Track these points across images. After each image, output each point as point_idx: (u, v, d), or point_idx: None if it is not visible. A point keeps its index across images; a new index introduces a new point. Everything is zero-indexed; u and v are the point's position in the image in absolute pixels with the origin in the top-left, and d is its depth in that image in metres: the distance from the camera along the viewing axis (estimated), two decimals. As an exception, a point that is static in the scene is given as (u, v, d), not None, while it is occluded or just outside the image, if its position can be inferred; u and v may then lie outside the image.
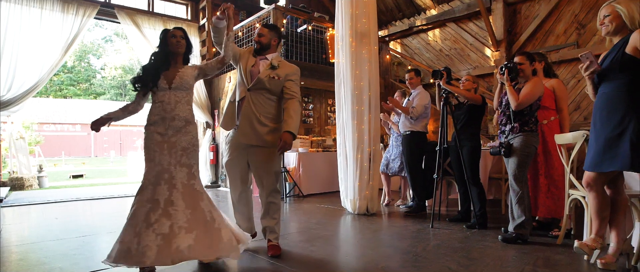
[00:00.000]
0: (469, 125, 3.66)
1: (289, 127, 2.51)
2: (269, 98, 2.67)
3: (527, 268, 2.37)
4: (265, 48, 2.75)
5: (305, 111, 7.62)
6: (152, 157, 2.28)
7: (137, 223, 2.11)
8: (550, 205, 3.27)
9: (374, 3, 4.40)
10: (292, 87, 2.68)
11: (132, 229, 2.10)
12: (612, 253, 2.31)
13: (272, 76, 2.64)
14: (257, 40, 2.77)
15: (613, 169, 2.21)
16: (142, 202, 2.18)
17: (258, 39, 2.77)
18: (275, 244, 2.75)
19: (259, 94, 2.65)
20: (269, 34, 2.77)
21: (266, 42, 2.75)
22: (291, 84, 2.68)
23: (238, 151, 2.71)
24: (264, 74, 2.64)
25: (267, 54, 2.75)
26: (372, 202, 4.31)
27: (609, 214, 2.35)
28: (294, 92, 2.67)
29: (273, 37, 2.78)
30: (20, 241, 3.19)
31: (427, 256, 2.65)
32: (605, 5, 2.33)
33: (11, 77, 5.50)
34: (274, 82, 2.64)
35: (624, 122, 2.17)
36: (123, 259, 2.03)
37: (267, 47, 2.76)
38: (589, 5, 6.71)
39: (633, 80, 2.20)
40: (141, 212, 2.15)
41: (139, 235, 2.07)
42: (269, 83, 2.64)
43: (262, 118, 2.63)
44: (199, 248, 2.15)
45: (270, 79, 2.63)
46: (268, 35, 2.76)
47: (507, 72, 3.05)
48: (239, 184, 2.79)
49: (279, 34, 2.86)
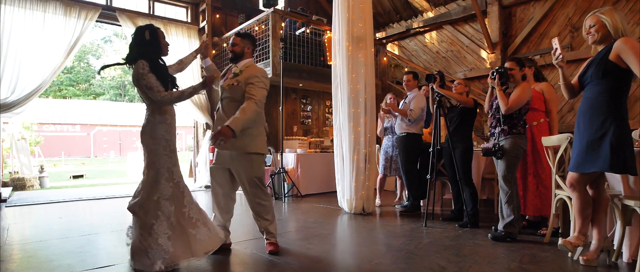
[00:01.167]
0: (461, 128, 3.78)
1: (230, 122, 2.46)
2: (235, 105, 2.69)
3: (513, 265, 2.49)
4: (239, 56, 2.82)
5: (304, 112, 7.73)
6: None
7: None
8: (539, 204, 3.39)
9: (370, 8, 4.52)
10: (251, 90, 2.64)
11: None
12: (594, 250, 2.44)
13: (233, 83, 2.71)
14: (230, 50, 2.85)
15: (594, 170, 2.33)
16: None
17: (232, 48, 2.84)
18: (273, 241, 2.85)
19: (228, 102, 2.74)
20: (242, 43, 2.84)
21: (239, 50, 2.82)
22: (251, 86, 2.65)
23: (221, 157, 2.81)
24: (226, 83, 2.75)
25: (240, 62, 2.84)
26: (368, 202, 4.43)
27: (591, 213, 2.47)
28: (251, 94, 2.63)
29: (246, 45, 2.85)
30: (27, 240, 3.30)
31: (419, 253, 2.77)
32: (590, 15, 2.45)
33: (15, 80, 5.60)
34: (234, 88, 2.70)
35: (605, 125, 2.29)
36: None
37: (241, 55, 2.82)
38: (582, 8, 6.83)
39: (614, 86, 2.32)
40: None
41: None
42: (230, 90, 2.72)
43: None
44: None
45: (231, 87, 2.71)
46: (241, 44, 2.84)
47: (498, 77, 3.17)
48: (218, 190, 2.85)
49: (253, 41, 2.93)
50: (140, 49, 2.51)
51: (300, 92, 7.60)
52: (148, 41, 2.52)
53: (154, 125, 2.52)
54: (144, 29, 2.53)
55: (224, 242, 2.88)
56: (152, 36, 2.53)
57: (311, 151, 6.62)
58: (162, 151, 2.51)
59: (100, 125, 25.01)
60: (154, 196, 2.45)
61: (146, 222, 2.40)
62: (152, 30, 2.55)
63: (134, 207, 2.45)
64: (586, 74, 2.46)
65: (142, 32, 2.52)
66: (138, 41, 2.52)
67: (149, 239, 2.37)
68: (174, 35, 7.34)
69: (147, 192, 2.46)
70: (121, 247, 3.00)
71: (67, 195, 6.63)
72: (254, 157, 2.71)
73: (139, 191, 2.50)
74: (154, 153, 2.50)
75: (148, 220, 2.40)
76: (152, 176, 2.48)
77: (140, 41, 2.51)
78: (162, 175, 2.49)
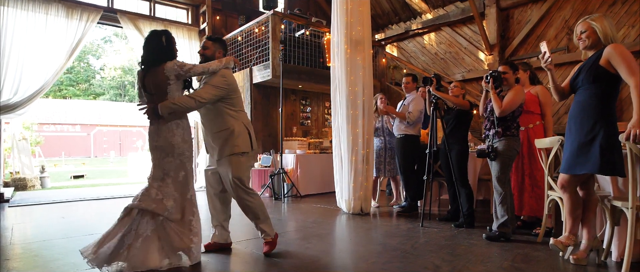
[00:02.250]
0: (457, 130, 3.85)
1: (160, 104, 2.48)
2: (207, 109, 2.76)
3: (506, 264, 2.56)
4: (209, 60, 2.83)
5: (303, 114, 7.80)
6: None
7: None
8: (534, 205, 3.47)
9: (368, 12, 4.59)
10: (200, 90, 2.66)
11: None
12: (583, 249, 2.51)
13: (198, 87, 2.77)
14: (201, 53, 2.89)
15: (585, 172, 2.39)
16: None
17: (203, 51, 2.88)
18: (268, 240, 2.86)
19: (203, 107, 2.76)
20: (213, 47, 2.88)
21: (210, 54, 2.86)
22: (204, 86, 2.67)
23: (212, 160, 2.91)
24: (200, 87, 2.78)
25: None
26: (366, 202, 4.51)
27: (581, 213, 2.54)
28: (198, 93, 2.63)
29: (217, 49, 2.89)
30: (32, 239, 3.37)
31: (414, 253, 2.84)
32: (581, 22, 2.52)
33: (17, 81, 5.67)
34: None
35: (595, 129, 2.36)
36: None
37: (211, 58, 2.85)
38: (578, 11, 6.92)
39: (605, 90, 2.40)
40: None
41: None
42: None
43: (207, 126, 2.82)
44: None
45: (195, 90, 2.74)
46: (212, 47, 2.88)
47: (492, 81, 3.24)
48: (211, 191, 2.94)
49: (224, 46, 2.96)
50: (161, 53, 2.56)
51: (299, 94, 7.66)
52: (165, 46, 2.58)
53: (185, 129, 2.63)
54: (161, 34, 2.59)
55: (225, 242, 2.96)
56: (167, 42, 2.60)
57: (310, 151, 6.69)
58: (190, 153, 2.64)
59: (100, 125, 25.07)
60: (187, 194, 2.59)
61: (185, 221, 2.54)
62: (168, 36, 2.62)
63: (167, 211, 2.47)
64: (577, 78, 2.53)
65: (159, 36, 2.58)
66: (158, 45, 2.56)
67: (189, 235, 2.51)
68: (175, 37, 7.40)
69: (180, 193, 2.57)
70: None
71: (69, 195, 6.70)
72: (232, 158, 2.72)
73: (169, 194, 2.51)
74: (184, 155, 2.59)
75: (186, 218, 2.55)
76: (183, 176, 2.58)
77: (159, 45, 2.57)
78: (191, 175, 2.64)
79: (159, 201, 2.48)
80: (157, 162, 2.55)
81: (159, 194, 2.49)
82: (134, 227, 2.42)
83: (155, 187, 2.51)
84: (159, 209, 2.45)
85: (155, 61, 2.54)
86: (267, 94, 7.07)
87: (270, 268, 2.54)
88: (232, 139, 2.72)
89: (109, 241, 2.37)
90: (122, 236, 2.38)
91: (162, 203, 2.48)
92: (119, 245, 2.35)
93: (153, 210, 2.44)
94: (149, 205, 2.44)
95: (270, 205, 5.29)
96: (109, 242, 2.36)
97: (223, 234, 2.96)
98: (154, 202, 2.46)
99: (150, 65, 2.55)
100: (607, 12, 6.54)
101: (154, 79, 2.53)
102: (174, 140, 2.54)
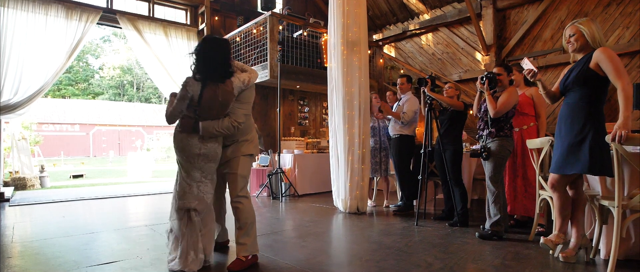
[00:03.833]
0: (451, 130, 3.91)
1: (203, 125, 2.47)
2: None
3: (496, 261, 2.62)
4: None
5: (301, 114, 7.86)
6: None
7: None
8: (528, 205, 3.53)
9: (364, 14, 4.65)
10: (235, 113, 2.63)
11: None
12: (572, 247, 2.57)
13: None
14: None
15: (574, 172, 2.46)
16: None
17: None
18: (242, 257, 2.62)
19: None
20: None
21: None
22: (236, 106, 2.63)
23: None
24: None
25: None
26: (362, 201, 4.57)
27: (570, 212, 2.61)
28: (235, 117, 2.61)
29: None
30: (33, 238, 3.42)
31: (408, 251, 2.90)
32: (570, 26, 2.59)
33: (17, 81, 5.72)
34: None
35: (585, 130, 2.42)
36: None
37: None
38: (574, 12, 6.97)
39: (594, 93, 2.46)
40: None
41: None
42: None
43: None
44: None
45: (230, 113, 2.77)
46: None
47: (487, 82, 3.30)
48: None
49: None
50: (229, 67, 2.51)
51: (297, 94, 7.72)
52: (229, 59, 2.54)
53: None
54: (226, 45, 2.55)
55: (222, 240, 3.02)
56: (229, 54, 2.58)
57: (308, 151, 6.75)
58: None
59: (99, 125, 25.06)
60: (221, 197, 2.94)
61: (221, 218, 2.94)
62: (229, 46, 2.61)
63: (207, 207, 2.59)
64: (567, 80, 2.59)
65: (226, 48, 2.53)
66: (225, 59, 2.49)
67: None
68: (174, 38, 7.47)
69: (216, 197, 2.83)
70: (123, 244, 3.13)
71: (68, 194, 6.74)
72: (244, 158, 2.75)
73: (209, 192, 2.58)
74: (217, 160, 2.62)
75: (222, 215, 2.98)
76: (215, 180, 2.68)
77: (226, 60, 2.50)
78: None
79: (201, 198, 2.54)
80: (198, 165, 2.53)
81: (199, 192, 2.55)
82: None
83: (195, 187, 2.54)
84: (201, 206, 2.54)
85: (224, 76, 2.46)
86: (265, 94, 7.13)
87: (266, 266, 2.60)
88: (247, 144, 2.75)
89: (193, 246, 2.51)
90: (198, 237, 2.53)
91: (203, 200, 2.56)
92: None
93: (195, 207, 2.51)
94: (197, 204, 2.53)
95: (268, 204, 5.35)
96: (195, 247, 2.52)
97: (221, 232, 3.02)
98: (197, 199, 2.53)
99: (216, 80, 2.42)
100: (602, 13, 6.60)
101: (222, 95, 2.42)
102: (219, 149, 2.61)
